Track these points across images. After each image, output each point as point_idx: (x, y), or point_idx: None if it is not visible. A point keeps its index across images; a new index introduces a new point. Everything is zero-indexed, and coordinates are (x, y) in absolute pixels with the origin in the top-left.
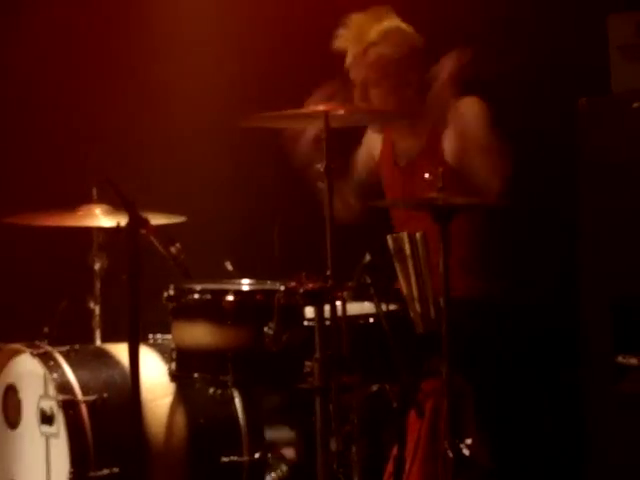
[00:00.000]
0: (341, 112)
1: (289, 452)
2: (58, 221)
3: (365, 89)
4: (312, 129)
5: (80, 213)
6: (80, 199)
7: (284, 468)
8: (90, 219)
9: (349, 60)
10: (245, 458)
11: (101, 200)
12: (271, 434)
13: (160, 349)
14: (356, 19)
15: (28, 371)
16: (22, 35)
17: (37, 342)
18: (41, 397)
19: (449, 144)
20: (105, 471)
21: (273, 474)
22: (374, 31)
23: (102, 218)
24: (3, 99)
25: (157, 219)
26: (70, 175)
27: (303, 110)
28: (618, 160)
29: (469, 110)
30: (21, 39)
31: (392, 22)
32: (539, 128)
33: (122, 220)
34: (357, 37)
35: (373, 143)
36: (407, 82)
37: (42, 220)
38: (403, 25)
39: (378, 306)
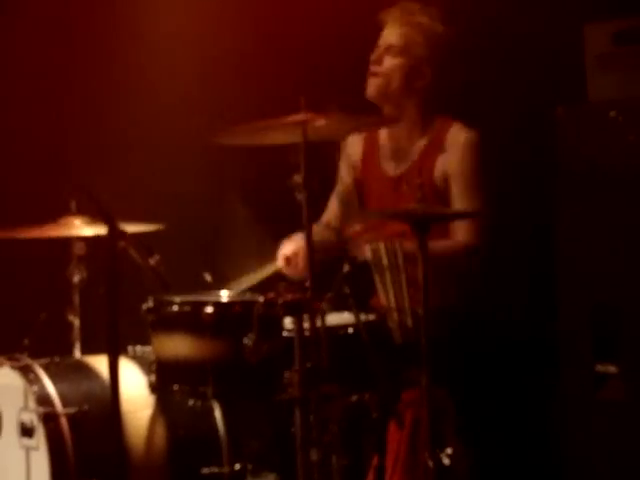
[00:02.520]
0: (321, 122)
1: None
2: (37, 234)
3: (384, 53)
4: None
5: (59, 225)
6: (59, 211)
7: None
8: (69, 231)
9: (387, 24)
10: (225, 469)
11: (80, 212)
12: None
13: (140, 361)
14: (404, 5)
15: (8, 384)
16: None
17: (17, 355)
18: (21, 410)
19: (443, 168)
20: None
21: None
22: (416, 16)
23: (82, 228)
24: None
25: (135, 227)
26: (49, 187)
27: (280, 121)
28: (595, 168)
29: (467, 144)
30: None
31: (435, 22)
32: (517, 137)
33: (101, 231)
34: (402, 14)
35: (354, 144)
36: (421, 73)
37: (21, 233)
38: (442, 29)
39: (357, 316)
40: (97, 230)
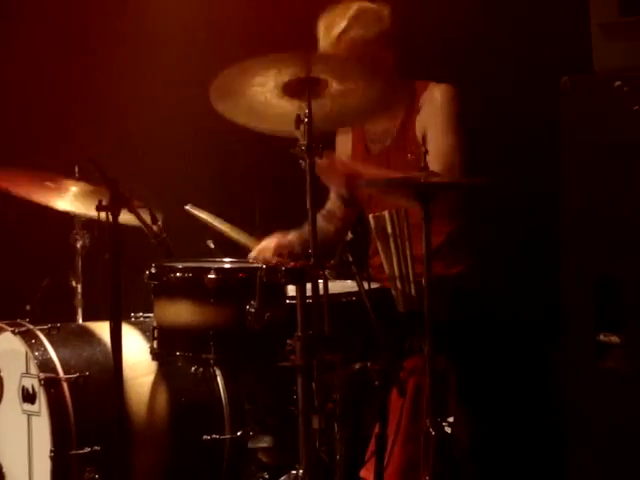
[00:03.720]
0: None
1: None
2: (40, 199)
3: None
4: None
5: (59, 187)
6: (63, 177)
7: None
8: (70, 203)
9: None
10: (227, 436)
11: (83, 178)
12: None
13: (142, 327)
14: (324, 16)
15: (10, 349)
16: (12, 15)
17: (19, 320)
18: (23, 375)
19: (419, 131)
20: (87, 449)
21: None
22: (341, 19)
23: (78, 200)
24: None
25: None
26: (53, 153)
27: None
28: (600, 139)
29: (442, 95)
30: (11, 19)
31: (360, 5)
32: (521, 107)
33: (104, 198)
34: (327, 30)
35: (344, 143)
36: (382, 60)
37: (24, 196)
38: (372, 6)
39: (360, 284)
40: (100, 197)
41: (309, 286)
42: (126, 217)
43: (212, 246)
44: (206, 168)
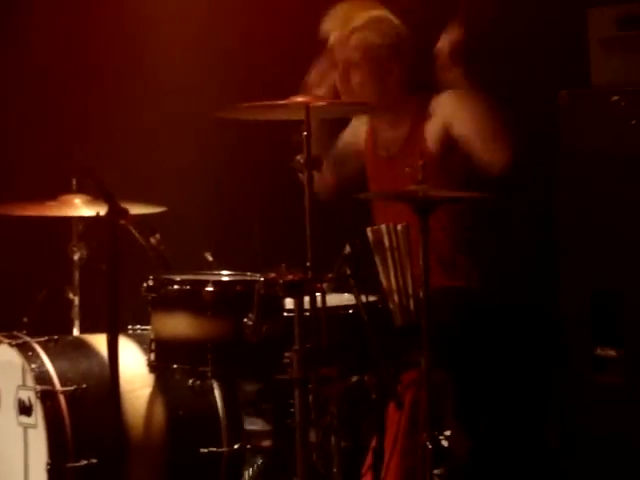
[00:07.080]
0: (322, 104)
1: (265, 442)
2: (37, 211)
3: (347, 69)
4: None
5: (60, 203)
6: (60, 189)
7: (259, 461)
8: (70, 209)
9: (333, 40)
10: (224, 449)
11: (81, 190)
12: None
13: (139, 340)
14: (344, 6)
15: (6, 361)
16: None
17: (16, 332)
18: (19, 387)
19: (434, 133)
20: (83, 462)
21: (250, 469)
22: (360, 17)
23: (82, 208)
24: None
25: (137, 209)
26: (50, 165)
27: (283, 102)
28: (598, 152)
29: (458, 93)
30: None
31: (379, 11)
32: (520, 121)
33: (102, 210)
34: (343, 21)
35: (359, 131)
36: (388, 70)
37: (21, 210)
38: (390, 16)
39: (358, 297)
40: (98, 208)
41: (307, 299)
42: None
43: (210, 259)
44: (206, 175)
